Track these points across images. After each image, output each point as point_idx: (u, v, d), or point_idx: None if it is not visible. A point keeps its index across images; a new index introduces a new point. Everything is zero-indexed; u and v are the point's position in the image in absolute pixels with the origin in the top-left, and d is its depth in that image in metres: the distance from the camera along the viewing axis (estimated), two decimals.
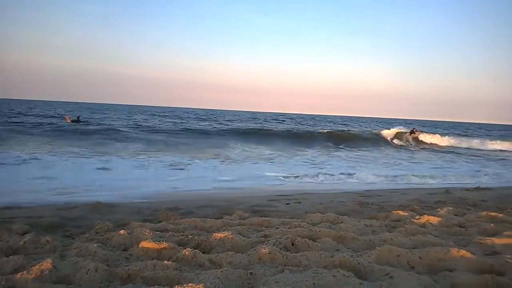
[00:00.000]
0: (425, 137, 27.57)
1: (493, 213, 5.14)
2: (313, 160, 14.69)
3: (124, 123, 31.07)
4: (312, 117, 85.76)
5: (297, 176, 10.29)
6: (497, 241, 3.75)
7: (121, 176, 9.26)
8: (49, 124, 25.34)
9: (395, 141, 26.11)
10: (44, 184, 7.67)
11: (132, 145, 17.05)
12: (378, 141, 25.63)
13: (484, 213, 5.21)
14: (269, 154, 16.30)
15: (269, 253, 3.10)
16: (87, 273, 2.70)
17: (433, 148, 24.30)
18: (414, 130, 28.29)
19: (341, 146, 21.86)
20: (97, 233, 4.00)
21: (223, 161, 13.23)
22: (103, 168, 10.36)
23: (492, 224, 4.53)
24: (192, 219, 4.55)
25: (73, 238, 3.90)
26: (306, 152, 17.85)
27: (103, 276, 2.71)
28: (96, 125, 26.79)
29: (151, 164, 11.50)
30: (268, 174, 10.43)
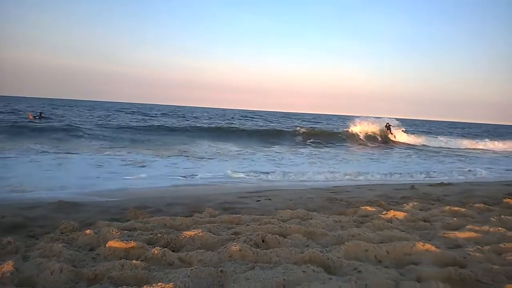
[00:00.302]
0: (394, 135, 27.09)
1: (456, 208, 5.31)
2: (275, 157, 14.71)
3: (88, 120, 30.38)
4: (302, 115, 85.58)
5: (257, 173, 10.24)
6: (459, 235, 3.88)
7: (82, 174, 9.00)
8: (5, 120, 24.37)
9: (362, 136, 26.01)
10: (3, 182, 7.39)
11: (95, 142, 16.69)
12: (346, 137, 25.71)
13: (447, 207, 5.37)
14: (236, 151, 16.27)
15: (240, 250, 3.09)
16: (51, 274, 2.62)
17: (394, 145, 24.52)
18: (388, 125, 27.32)
19: (307, 143, 21.95)
20: (62, 233, 3.89)
21: (188, 157, 13.13)
22: (64, 165, 10.10)
23: (455, 219, 4.68)
24: (161, 217, 4.49)
25: (37, 239, 3.77)
26: (272, 149, 17.98)
27: (69, 277, 2.64)
28: (59, 122, 26.09)
29: (113, 161, 11.25)
30: (231, 171, 10.32)
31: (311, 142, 22.35)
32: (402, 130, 27.77)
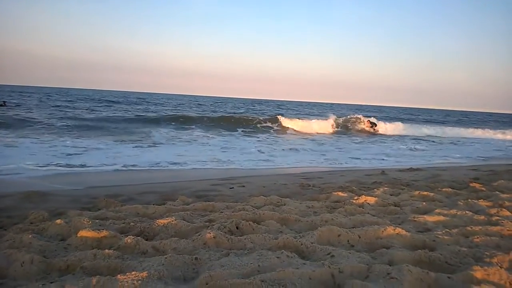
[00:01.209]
0: (377, 129, 25.70)
1: (425, 192, 5.45)
2: (221, 144, 14.61)
3: (54, 107, 29.62)
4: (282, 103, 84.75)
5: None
6: (428, 218, 3.99)
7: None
8: None
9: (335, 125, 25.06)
10: None
11: (57, 130, 16.16)
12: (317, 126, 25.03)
13: (416, 192, 5.50)
14: (196, 137, 16.19)
15: (214, 237, 3.09)
16: (22, 266, 2.55)
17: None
18: (370, 122, 25.99)
19: (245, 129, 21.36)
20: (31, 223, 3.79)
21: (149, 144, 12.99)
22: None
23: (424, 203, 4.81)
24: (134, 206, 4.44)
25: (5, 230, 3.66)
26: (234, 134, 18.17)
27: (40, 268, 2.58)
28: (24, 110, 25.41)
29: (67, 149, 10.92)
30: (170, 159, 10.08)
31: (262, 130, 21.84)
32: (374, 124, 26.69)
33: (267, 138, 17.95)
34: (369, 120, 26.43)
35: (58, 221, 3.56)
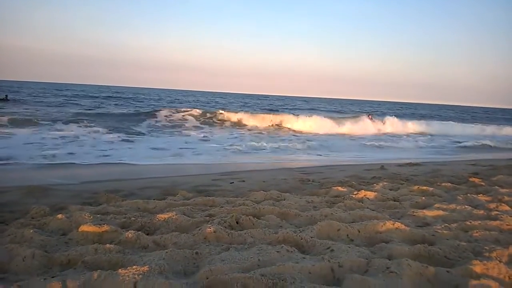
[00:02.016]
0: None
1: (424, 187, 5.46)
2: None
3: (50, 102, 29.72)
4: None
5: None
6: (428, 213, 4.00)
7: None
8: None
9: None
10: None
11: (54, 124, 16.12)
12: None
13: (416, 187, 5.51)
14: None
15: (214, 232, 3.11)
16: (23, 260, 2.56)
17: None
18: (371, 116, 26.21)
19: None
20: (33, 218, 3.80)
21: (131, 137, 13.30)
22: None
23: (423, 198, 4.82)
24: (134, 200, 4.45)
25: (7, 224, 3.67)
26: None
27: (41, 262, 2.59)
28: (26, 104, 25.47)
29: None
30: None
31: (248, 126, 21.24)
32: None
33: (252, 133, 18.00)
34: (369, 115, 26.47)
35: (59, 216, 3.58)
